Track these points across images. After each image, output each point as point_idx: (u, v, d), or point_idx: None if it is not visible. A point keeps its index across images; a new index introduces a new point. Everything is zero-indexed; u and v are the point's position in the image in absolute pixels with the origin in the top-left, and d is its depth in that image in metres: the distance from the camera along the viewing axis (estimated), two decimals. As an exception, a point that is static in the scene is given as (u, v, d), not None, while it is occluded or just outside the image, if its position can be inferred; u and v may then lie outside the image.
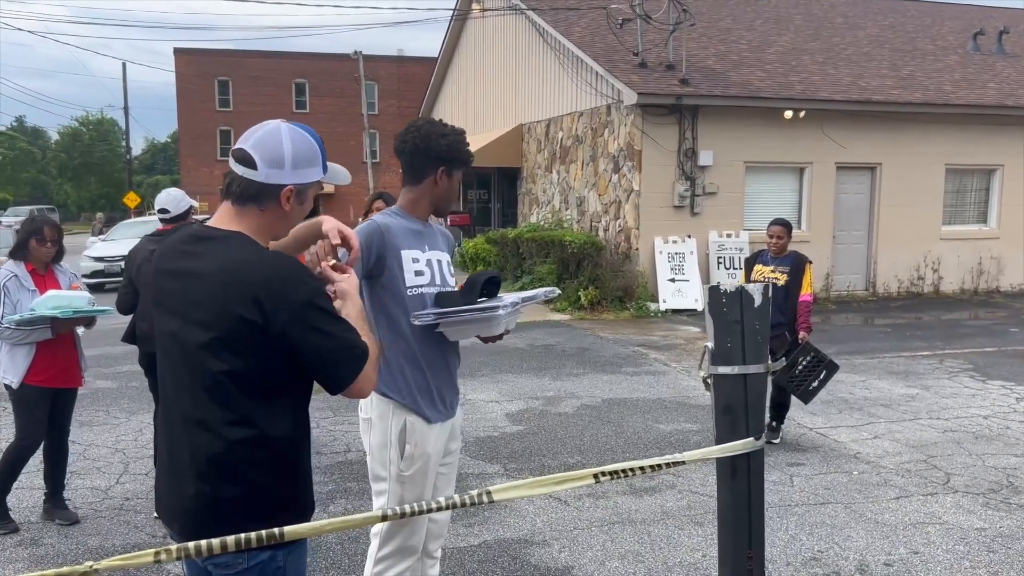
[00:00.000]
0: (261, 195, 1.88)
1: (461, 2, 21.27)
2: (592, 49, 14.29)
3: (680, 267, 12.94)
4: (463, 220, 20.79)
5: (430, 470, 2.76)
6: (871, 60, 15.92)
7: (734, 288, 1.66)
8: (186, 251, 1.89)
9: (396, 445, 2.69)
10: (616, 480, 1.72)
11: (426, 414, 2.72)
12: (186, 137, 48.05)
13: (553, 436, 6.20)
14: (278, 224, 1.94)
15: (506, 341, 10.06)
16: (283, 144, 1.88)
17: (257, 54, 47.04)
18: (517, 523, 4.52)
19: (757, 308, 1.64)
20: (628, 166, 13.17)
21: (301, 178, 1.90)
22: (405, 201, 2.82)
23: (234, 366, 1.76)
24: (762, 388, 1.72)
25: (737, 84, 13.46)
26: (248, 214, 1.89)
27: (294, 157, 1.88)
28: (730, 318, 1.65)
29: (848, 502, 4.85)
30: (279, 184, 1.88)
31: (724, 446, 1.61)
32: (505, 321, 2.68)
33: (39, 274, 4.40)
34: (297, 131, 1.92)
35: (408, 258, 2.70)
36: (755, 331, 1.64)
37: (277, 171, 1.87)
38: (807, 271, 6.02)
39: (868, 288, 14.43)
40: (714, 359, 1.72)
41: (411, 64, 47.67)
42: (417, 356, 2.71)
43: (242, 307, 1.74)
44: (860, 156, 13.95)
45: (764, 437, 1.72)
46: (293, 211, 1.93)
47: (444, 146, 2.73)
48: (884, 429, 6.40)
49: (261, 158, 1.87)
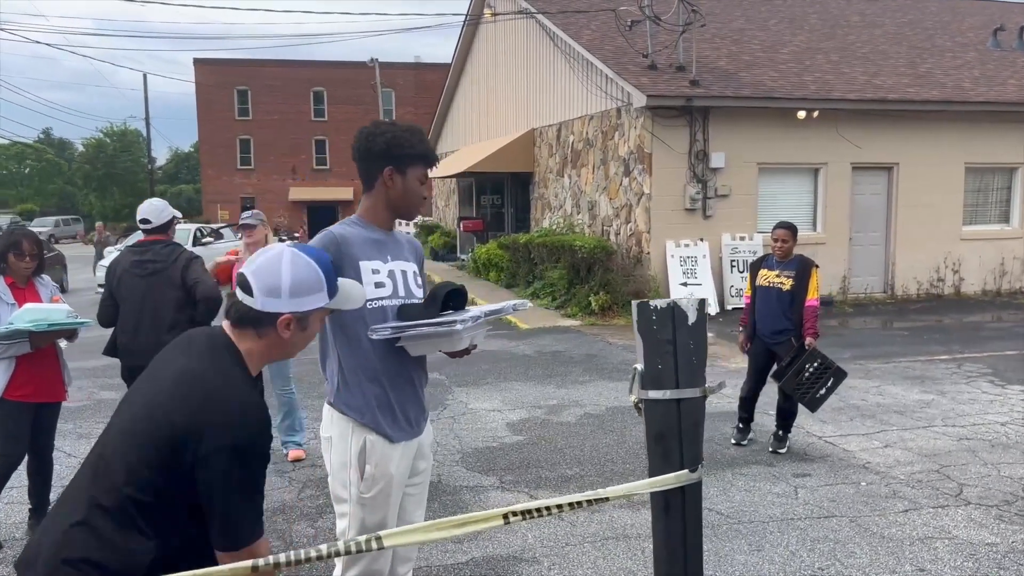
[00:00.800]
0: (258, 322, 1.86)
1: (472, 7, 21.22)
2: (602, 52, 14.15)
3: (692, 271, 12.74)
4: (476, 226, 20.69)
5: (393, 491, 2.62)
6: (887, 58, 15.63)
7: (665, 304, 1.51)
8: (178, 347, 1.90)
9: (356, 465, 2.56)
10: (529, 520, 1.57)
11: (388, 433, 2.58)
12: (206, 146, 48.43)
13: (553, 447, 6.06)
14: (275, 350, 1.90)
15: (513, 348, 10.02)
16: (281, 273, 1.86)
17: (275, 63, 47.33)
18: (508, 539, 4.39)
19: (691, 326, 1.49)
20: (638, 169, 13.00)
21: (299, 306, 1.87)
22: (363, 209, 2.69)
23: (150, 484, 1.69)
24: (699, 414, 1.56)
25: (749, 84, 13.25)
26: (245, 337, 1.87)
27: (292, 286, 1.86)
28: (661, 337, 1.50)
29: (854, 515, 4.67)
30: (276, 312, 1.85)
31: (654, 480, 1.46)
32: (468, 336, 2.53)
33: (19, 288, 4.33)
34: (301, 257, 1.89)
35: (367, 269, 2.57)
36: (689, 351, 1.49)
37: (273, 300, 1.84)
38: (813, 275, 5.85)
39: (886, 290, 14.13)
40: (644, 382, 1.57)
41: (427, 70, 47.75)
42: (377, 372, 2.57)
43: (177, 414, 1.71)
44: (876, 156, 13.67)
45: (700, 469, 1.57)
46: (294, 337, 1.89)
47: (383, 144, 2.58)
48: (896, 437, 6.20)
49: (257, 286, 1.85)
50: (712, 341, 10.50)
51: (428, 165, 2.66)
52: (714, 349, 9.90)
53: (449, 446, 6.08)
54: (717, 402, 7.28)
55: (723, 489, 5.12)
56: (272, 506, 4.93)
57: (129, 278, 4.48)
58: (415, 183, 2.64)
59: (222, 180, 47.67)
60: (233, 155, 47.94)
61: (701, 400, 1.60)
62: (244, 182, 48.03)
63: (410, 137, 2.60)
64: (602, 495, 1.49)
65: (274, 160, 47.71)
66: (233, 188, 47.67)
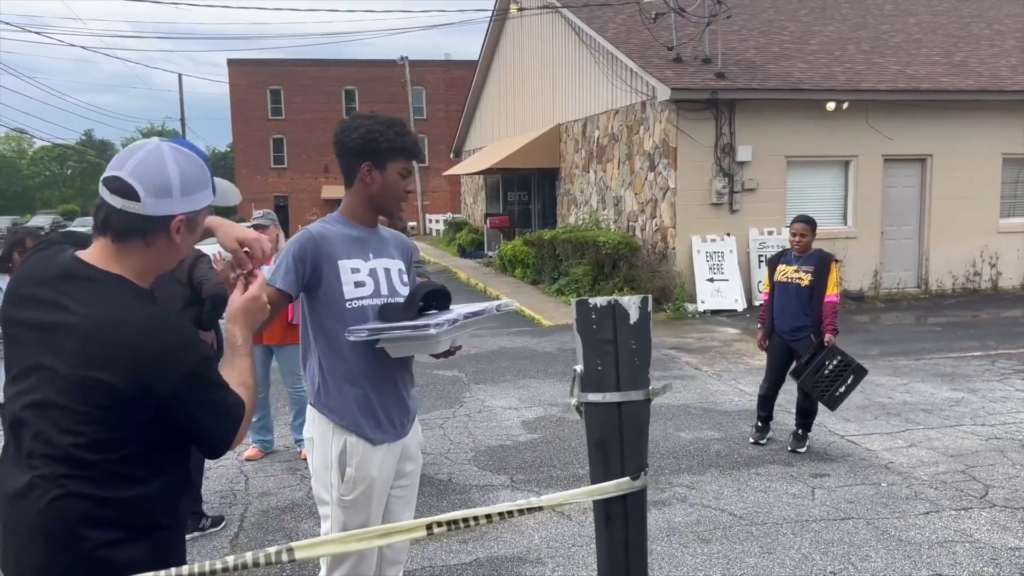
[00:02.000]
0: (147, 229, 1.62)
1: (499, 2, 21.15)
2: (627, 45, 13.99)
3: (719, 266, 12.55)
4: (503, 222, 20.64)
5: (375, 494, 2.56)
6: (921, 47, 15.25)
7: (605, 302, 1.44)
8: (46, 299, 1.62)
9: (336, 468, 2.51)
10: (454, 530, 1.50)
11: (368, 435, 2.52)
12: (240, 146, 49.02)
13: (567, 445, 5.98)
14: (164, 259, 1.70)
15: (534, 344, 9.96)
16: (168, 169, 1.62)
17: (306, 63, 47.72)
18: (514, 539, 4.33)
19: (633, 325, 1.41)
20: (664, 163, 12.84)
21: (192, 205, 1.66)
22: (344, 206, 2.63)
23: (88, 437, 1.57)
24: (642, 419, 1.48)
25: (776, 76, 13.01)
26: (131, 252, 1.64)
27: (183, 183, 1.63)
28: (600, 336, 1.42)
29: (871, 517, 4.53)
30: (168, 215, 1.63)
31: (592, 488, 1.38)
32: (447, 339, 2.44)
33: None
34: (181, 151, 1.67)
35: (347, 268, 2.50)
36: (631, 352, 1.41)
37: (166, 201, 1.61)
38: (833, 270, 5.69)
39: (920, 285, 13.79)
40: (584, 384, 1.49)
41: (457, 68, 47.79)
42: (357, 374, 2.51)
43: (107, 373, 1.53)
44: (909, 147, 13.34)
45: (643, 477, 1.49)
46: (184, 242, 1.69)
47: (356, 140, 2.49)
48: (922, 436, 6.02)
49: (144, 187, 1.60)
50: (737, 338, 10.34)
51: (409, 158, 2.55)
52: (738, 346, 9.74)
53: (463, 444, 6.04)
54: (737, 400, 7.15)
55: (738, 489, 5.01)
56: (281, 504, 4.93)
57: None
58: (394, 178, 2.54)
59: (256, 179, 48.20)
60: (267, 154, 48.46)
61: (645, 403, 1.52)
62: (277, 181, 48.54)
63: (385, 131, 2.50)
64: (536, 504, 1.42)
65: (307, 159, 48.12)
66: (267, 187, 48.18)
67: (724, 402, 7.12)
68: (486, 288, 15.50)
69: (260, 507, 4.89)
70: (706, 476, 5.27)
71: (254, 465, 5.66)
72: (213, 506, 4.83)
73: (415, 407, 2.74)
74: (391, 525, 1.44)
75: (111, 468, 1.59)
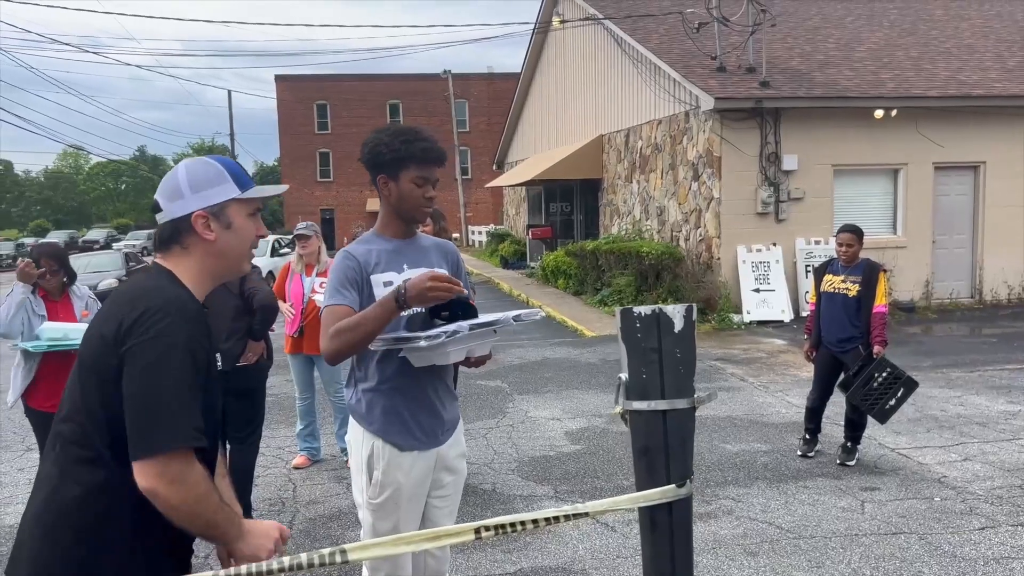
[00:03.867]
0: (176, 233, 1.76)
1: (541, 15, 21.26)
2: (669, 55, 13.96)
3: (765, 276, 12.40)
4: (545, 233, 20.67)
5: (403, 500, 2.58)
6: (973, 53, 14.92)
7: (650, 311, 1.44)
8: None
9: (365, 471, 2.58)
10: (501, 535, 1.52)
11: (396, 441, 2.56)
12: (287, 160, 49.92)
13: (611, 457, 5.97)
14: (210, 260, 1.78)
15: (577, 355, 9.95)
16: (177, 174, 1.79)
17: (352, 77, 48.46)
18: (558, 549, 4.33)
19: (678, 333, 1.42)
20: (708, 173, 12.75)
21: (206, 200, 1.76)
22: (378, 220, 2.71)
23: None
24: (687, 427, 1.48)
25: (822, 84, 12.84)
26: (176, 259, 1.77)
27: (190, 181, 1.77)
28: (646, 345, 1.43)
29: (924, 532, 4.43)
30: (186, 214, 1.75)
31: (637, 495, 1.39)
32: (456, 348, 2.45)
33: (53, 300, 4.52)
34: (195, 159, 1.83)
35: (379, 283, 2.55)
36: (676, 360, 1.42)
37: (179, 201, 1.76)
38: (881, 280, 5.59)
39: (973, 295, 13.44)
40: (629, 393, 1.50)
41: (500, 81, 48.10)
42: (384, 380, 2.56)
43: (106, 325, 1.62)
44: (961, 155, 13.04)
45: (688, 485, 1.49)
46: (222, 238, 1.77)
47: (368, 154, 2.56)
48: (976, 450, 5.87)
49: (162, 197, 1.78)
50: (783, 349, 10.20)
51: (422, 163, 2.53)
52: (785, 357, 9.61)
53: (506, 454, 6.06)
54: (784, 412, 7.05)
55: (785, 502, 4.94)
56: (328, 512, 5.00)
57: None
58: (409, 186, 2.54)
59: (303, 192, 49.03)
60: (313, 168, 49.28)
61: (690, 412, 1.52)
62: (323, 194, 49.30)
63: (391, 141, 2.52)
64: (582, 510, 1.44)
65: (352, 172, 48.79)
66: (313, 200, 48.98)
67: (771, 414, 7.03)
68: (528, 299, 15.53)
69: (308, 515, 4.97)
70: (753, 489, 5.21)
71: (302, 473, 5.76)
72: (262, 513, 4.93)
73: (452, 417, 2.72)
74: (440, 529, 1.46)
75: (103, 454, 1.61)
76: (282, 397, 7.99)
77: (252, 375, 4.66)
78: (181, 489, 1.53)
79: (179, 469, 1.53)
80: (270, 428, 6.38)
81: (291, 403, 7.61)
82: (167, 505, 1.53)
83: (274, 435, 6.66)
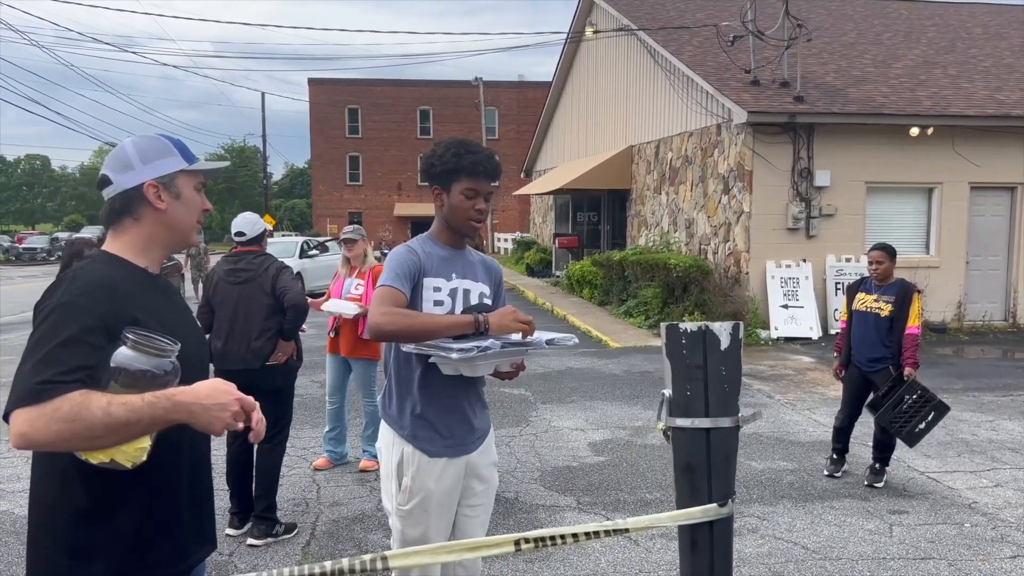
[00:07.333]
0: (128, 204, 1.80)
1: (574, 24, 21.29)
2: (703, 68, 13.91)
3: (794, 293, 12.29)
4: (572, 242, 20.64)
5: (432, 507, 2.58)
6: (1012, 71, 14.71)
7: (696, 327, 1.43)
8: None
9: (395, 477, 2.59)
10: (541, 547, 1.50)
11: (426, 447, 2.57)
12: (318, 162, 50.35)
13: (635, 469, 5.93)
14: (161, 229, 1.83)
15: (601, 366, 9.92)
16: (126, 148, 1.82)
17: (384, 83, 48.82)
18: (581, 562, 4.31)
19: (724, 351, 1.40)
20: (738, 187, 12.67)
21: (157, 171, 1.81)
22: (432, 227, 2.75)
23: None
24: (730, 445, 1.46)
25: (857, 101, 12.73)
26: (124, 229, 1.81)
27: (139, 153, 1.81)
28: (691, 362, 1.41)
29: (953, 559, 4.35)
30: (137, 184, 1.79)
31: (678, 512, 1.37)
32: (486, 363, 2.46)
33: None
34: (143, 136, 1.88)
35: (429, 286, 2.59)
36: (721, 378, 1.40)
37: (129, 173, 1.79)
38: (915, 301, 5.51)
39: (1008, 318, 13.22)
40: (672, 409, 1.49)
41: (530, 89, 48.23)
42: (416, 386, 2.58)
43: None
44: (998, 175, 12.85)
45: (730, 504, 1.48)
46: (172, 207, 1.82)
47: (425, 165, 2.65)
48: (1009, 476, 5.76)
49: (110, 169, 1.81)
50: (811, 366, 10.09)
51: (472, 176, 2.58)
52: (813, 375, 9.50)
53: (529, 463, 6.05)
54: (811, 430, 6.97)
55: (811, 522, 4.88)
56: (351, 514, 5.02)
57: (224, 286, 4.68)
58: (459, 199, 2.59)
59: (332, 195, 49.42)
60: (343, 171, 49.65)
61: (733, 430, 1.50)
62: (352, 197, 49.64)
63: (444, 153, 2.59)
64: (622, 526, 1.43)
65: (381, 176, 49.12)
66: (342, 203, 49.35)
67: (798, 432, 6.95)
68: (553, 308, 15.51)
69: (331, 516, 4.99)
70: (778, 507, 5.15)
71: (326, 475, 5.79)
72: (286, 513, 4.95)
73: (483, 426, 2.74)
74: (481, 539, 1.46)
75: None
76: (307, 398, 8.04)
77: (281, 374, 4.69)
78: (35, 436, 1.50)
79: (21, 423, 1.50)
80: (295, 428, 6.41)
81: (316, 403, 7.66)
82: (37, 447, 1.53)
83: (299, 435, 6.70)
